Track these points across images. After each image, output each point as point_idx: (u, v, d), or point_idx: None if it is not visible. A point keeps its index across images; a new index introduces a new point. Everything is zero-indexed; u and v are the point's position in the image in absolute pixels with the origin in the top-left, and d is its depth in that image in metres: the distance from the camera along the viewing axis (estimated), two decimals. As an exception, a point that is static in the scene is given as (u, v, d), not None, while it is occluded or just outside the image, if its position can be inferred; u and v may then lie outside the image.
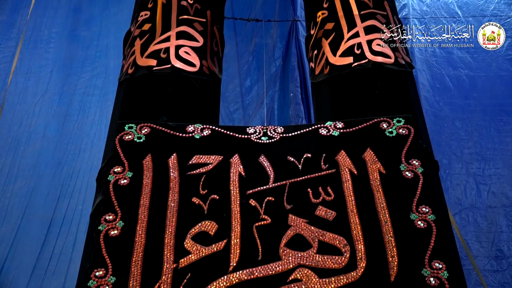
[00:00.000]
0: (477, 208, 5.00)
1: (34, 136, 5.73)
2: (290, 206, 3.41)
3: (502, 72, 5.63)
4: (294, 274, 3.11)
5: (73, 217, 5.12)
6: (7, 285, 4.64)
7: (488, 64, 5.76)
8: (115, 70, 5.66)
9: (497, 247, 4.73)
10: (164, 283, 3.07)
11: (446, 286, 3.01)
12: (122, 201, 3.41)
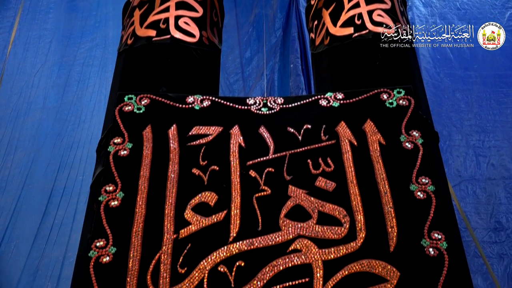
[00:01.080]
0: (477, 180, 5.01)
1: (33, 107, 5.71)
2: (290, 177, 3.42)
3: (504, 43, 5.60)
4: (294, 245, 3.13)
5: (74, 188, 5.12)
6: (8, 254, 4.67)
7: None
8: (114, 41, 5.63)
9: (495, 219, 4.74)
10: (165, 253, 3.09)
11: (445, 256, 3.03)
12: (122, 172, 3.42)
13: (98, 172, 3.49)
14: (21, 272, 4.53)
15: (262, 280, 2.99)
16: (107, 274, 3.01)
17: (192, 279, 3.00)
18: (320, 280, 2.99)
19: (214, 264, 3.05)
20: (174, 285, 2.98)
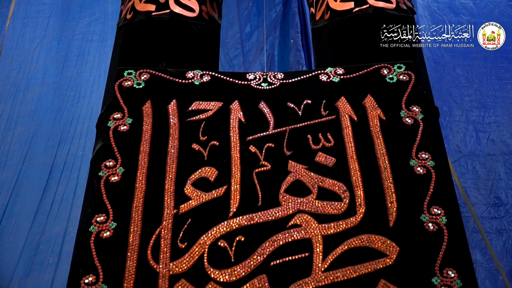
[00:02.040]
0: (476, 155, 5.01)
1: (33, 82, 5.68)
2: (290, 152, 3.42)
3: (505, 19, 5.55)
4: (294, 220, 3.14)
5: (74, 163, 5.12)
6: (9, 230, 4.68)
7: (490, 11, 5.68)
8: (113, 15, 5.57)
9: (495, 194, 4.75)
10: (165, 228, 3.10)
11: (445, 231, 3.04)
12: (122, 147, 3.42)
13: (98, 147, 3.49)
14: (22, 247, 4.55)
15: (262, 255, 3.01)
16: (108, 249, 3.02)
17: (192, 254, 3.02)
18: (320, 255, 3.01)
19: (214, 239, 3.07)
20: (175, 260, 3.00)
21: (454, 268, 2.92)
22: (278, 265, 2.98)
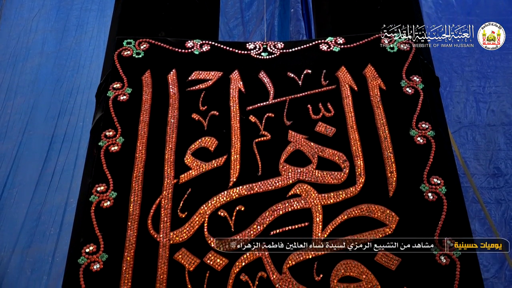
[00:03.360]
0: (476, 126, 5.00)
1: (32, 52, 5.66)
2: (290, 122, 3.42)
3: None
4: (294, 190, 3.15)
5: (74, 134, 5.12)
6: (10, 200, 4.70)
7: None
8: (112, -16, 5.54)
9: (494, 165, 4.76)
10: (165, 198, 3.11)
11: (444, 201, 3.05)
12: (122, 117, 3.42)
13: (98, 117, 3.49)
14: (24, 217, 4.57)
15: (262, 224, 3.02)
16: (108, 218, 3.03)
17: (193, 224, 3.03)
18: (320, 224, 3.02)
19: (214, 209, 3.08)
20: (175, 229, 3.02)
21: (453, 237, 2.93)
22: (278, 235, 3.00)
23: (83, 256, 2.89)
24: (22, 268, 4.28)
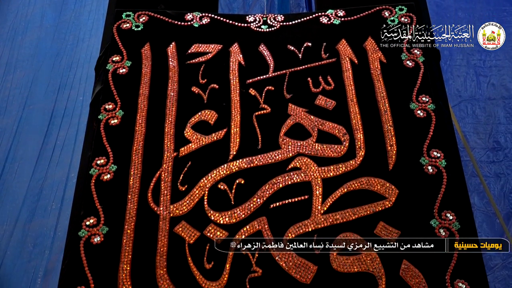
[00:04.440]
0: (476, 100, 4.98)
1: (31, 25, 5.62)
2: (290, 96, 3.41)
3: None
4: (294, 163, 3.15)
5: (74, 109, 5.10)
6: (12, 175, 4.70)
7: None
8: (111, -44, 5.49)
9: (494, 138, 4.75)
10: (165, 171, 3.12)
11: (444, 175, 3.05)
12: (122, 90, 3.41)
13: (97, 90, 3.48)
14: (25, 192, 4.57)
15: (261, 197, 3.03)
16: (108, 191, 3.04)
17: (193, 196, 3.04)
18: (319, 197, 3.03)
19: (214, 182, 3.09)
20: (175, 202, 3.03)
21: (452, 210, 2.94)
22: (278, 208, 3.01)
23: (84, 229, 2.90)
24: (24, 243, 4.29)
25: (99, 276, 2.79)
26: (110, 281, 2.78)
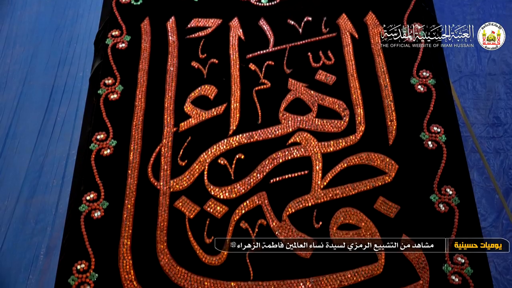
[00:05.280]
0: (477, 75, 4.96)
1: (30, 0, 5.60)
2: (290, 70, 3.40)
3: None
4: (294, 138, 3.15)
5: (74, 85, 5.08)
6: (13, 151, 4.69)
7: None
8: None
9: (494, 114, 4.74)
10: (165, 146, 3.12)
11: (444, 150, 3.06)
12: (121, 65, 3.40)
13: (97, 65, 3.46)
14: (26, 168, 4.57)
15: (261, 172, 3.03)
16: (108, 166, 3.05)
17: (193, 172, 3.04)
18: (319, 172, 3.03)
19: (214, 157, 3.09)
20: (175, 177, 3.03)
21: (452, 185, 2.95)
22: (278, 183, 3.02)
23: (84, 204, 2.91)
24: (26, 219, 4.30)
25: (99, 251, 2.80)
26: (111, 256, 2.79)
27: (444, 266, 2.75)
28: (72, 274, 2.72)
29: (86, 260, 2.76)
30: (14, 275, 3.99)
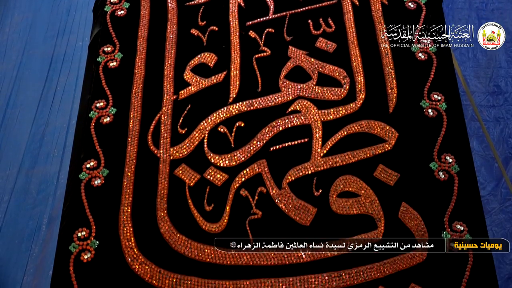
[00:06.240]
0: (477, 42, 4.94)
1: (27, -33, 5.56)
2: (290, 38, 3.38)
3: None
4: (294, 106, 3.14)
5: (74, 54, 5.06)
6: (13, 121, 4.69)
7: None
8: None
9: (494, 82, 4.72)
10: (165, 114, 3.12)
11: (444, 117, 3.06)
12: (120, 32, 3.38)
13: (96, 32, 3.45)
14: (27, 139, 4.57)
15: (261, 140, 3.03)
16: (108, 134, 3.05)
17: (193, 139, 3.04)
18: (319, 140, 3.03)
19: (214, 125, 3.09)
20: (175, 145, 3.03)
21: (452, 153, 2.95)
22: (278, 150, 3.02)
23: (84, 171, 2.92)
24: (27, 189, 4.31)
25: (100, 218, 2.81)
26: (111, 223, 2.80)
27: (443, 234, 2.76)
28: (73, 242, 2.73)
29: (87, 227, 2.77)
30: (17, 245, 4.01)
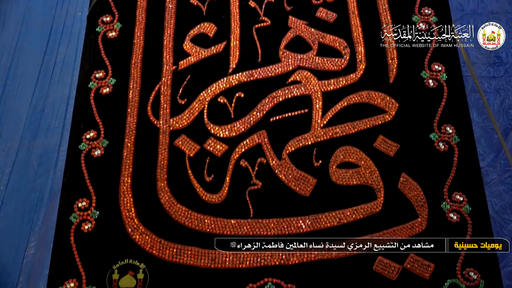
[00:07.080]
0: (479, 14, 4.90)
1: None
2: (290, 8, 3.36)
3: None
4: (294, 76, 3.13)
5: (73, 25, 5.03)
6: (13, 93, 4.67)
7: None
8: None
9: (495, 53, 4.70)
10: (164, 84, 3.11)
11: (444, 88, 3.05)
12: (119, 2, 3.36)
13: (94, 2, 3.42)
14: (27, 111, 4.56)
15: (261, 111, 3.03)
16: (108, 105, 3.04)
17: (192, 110, 3.04)
18: (319, 110, 3.03)
19: (214, 95, 3.08)
20: (175, 116, 3.03)
21: (452, 124, 2.95)
22: (278, 121, 3.02)
23: (84, 142, 2.92)
24: (28, 162, 4.32)
25: (100, 189, 2.82)
26: (111, 194, 2.82)
27: (442, 204, 2.76)
28: (74, 212, 2.74)
29: (87, 198, 2.79)
30: (20, 217, 4.03)
